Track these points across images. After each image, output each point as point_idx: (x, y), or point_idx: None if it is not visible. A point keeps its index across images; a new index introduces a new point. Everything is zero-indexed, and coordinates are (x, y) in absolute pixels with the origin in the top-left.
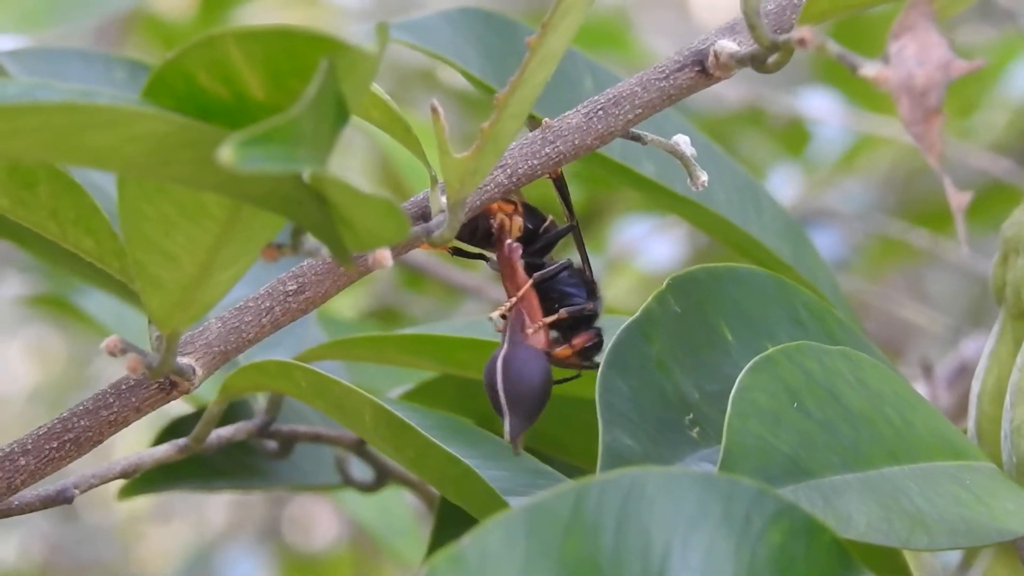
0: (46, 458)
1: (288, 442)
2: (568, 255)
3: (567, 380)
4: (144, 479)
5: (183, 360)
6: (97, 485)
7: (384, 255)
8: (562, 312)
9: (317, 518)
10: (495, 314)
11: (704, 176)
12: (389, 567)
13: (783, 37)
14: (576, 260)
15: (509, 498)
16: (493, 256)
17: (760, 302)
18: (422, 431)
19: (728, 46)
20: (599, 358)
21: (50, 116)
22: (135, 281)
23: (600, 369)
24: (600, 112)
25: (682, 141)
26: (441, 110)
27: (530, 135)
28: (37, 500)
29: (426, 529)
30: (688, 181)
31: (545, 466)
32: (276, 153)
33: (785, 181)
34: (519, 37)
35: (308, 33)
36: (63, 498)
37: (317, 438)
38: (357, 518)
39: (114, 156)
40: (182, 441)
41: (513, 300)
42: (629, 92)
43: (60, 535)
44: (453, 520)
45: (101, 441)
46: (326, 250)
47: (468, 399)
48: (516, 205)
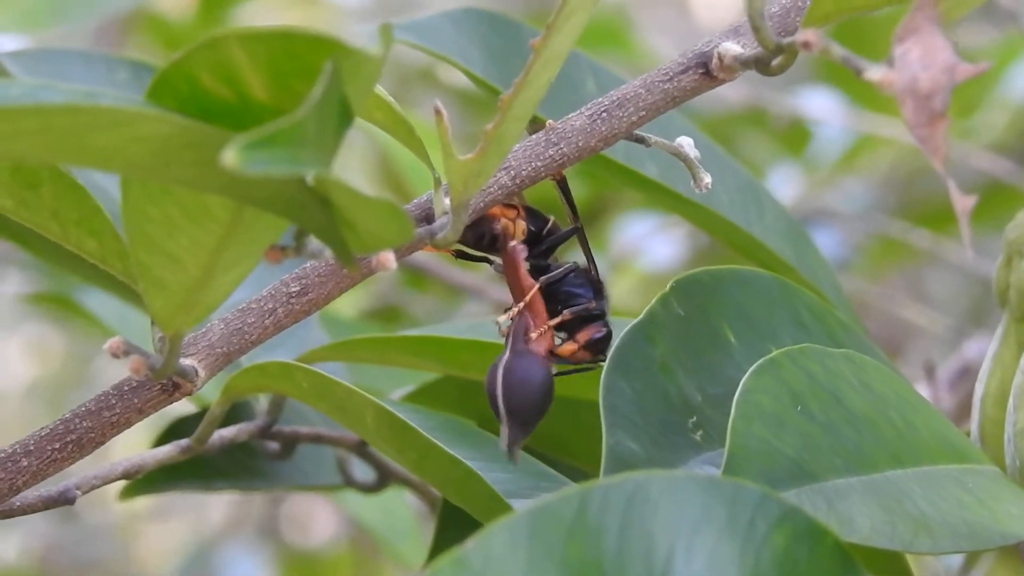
0: (48, 459)
1: (290, 443)
2: (572, 256)
3: (572, 372)
4: (146, 480)
5: (186, 361)
6: (99, 486)
7: (388, 257)
8: (566, 313)
9: (315, 516)
10: (502, 318)
11: (708, 178)
12: (388, 566)
13: (787, 40)
14: (581, 260)
15: (512, 500)
16: (497, 260)
17: (763, 304)
18: (424, 433)
19: (732, 48)
20: (609, 352)
21: (53, 117)
22: (138, 282)
23: (603, 371)
24: (604, 114)
25: (686, 143)
26: (445, 112)
27: (534, 137)
28: (39, 501)
29: (427, 530)
30: (692, 183)
31: (548, 468)
32: (280, 156)
33: (785, 181)
34: (522, 38)
35: (312, 34)
36: (65, 499)
37: (319, 439)
38: (358, 519)
39: (117, 157)
40: (184, 442)
41: (520, 305)
42: (633, 94)
43: (59, 534)
44: (455, 522)
45: (103, 442)
46: (329, 252)
47: (470, 401)
48: (518, 209)
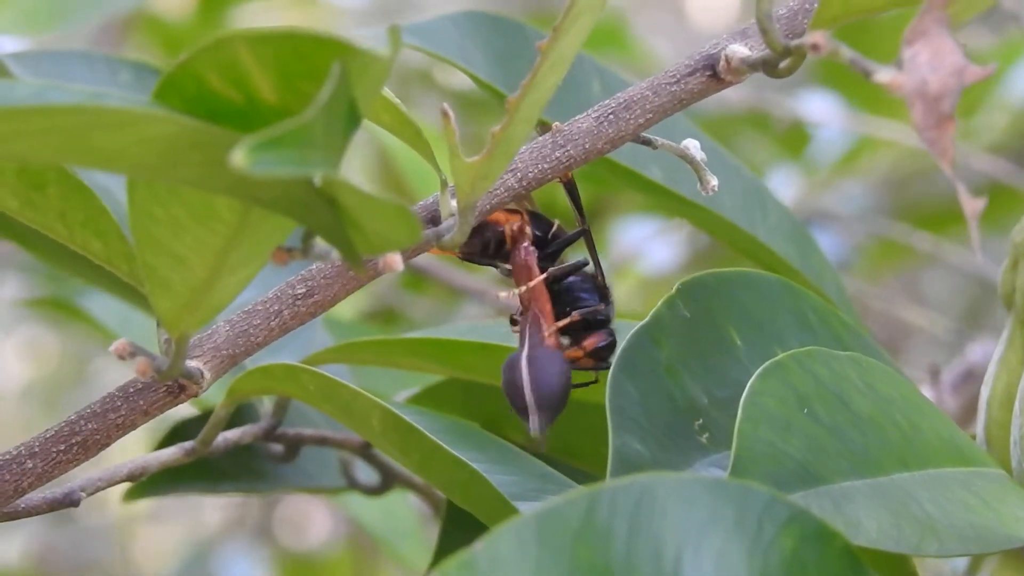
0: (53, 461)
1: (294, 445)
2: (578, 258)
3: (584, 385)
4: (150, 482)
5: (191, 363)
6: (104, 488)
7: (395, 259)
8: (574, 315)
9: (311, 518)
10: (503, 293)
11: (714, 180)
12: (387, 568)
13: (796, 42)
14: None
15: (517, 503)
16: (503, 264)
17: (769, 306)
18: (429, 435)
19: (739, 50)
20: (612, 359)
21: (60, 117)
22: (144, 284)
23: (610, 373)
24: (611, 116)
25: (692, 145)
26: (452, 114)
27: (540, 139)
28: (44, 503)
29: (430, 532)
30: (698, 185)
31: (553, 471)
32: (288, 157)
33: (784, 183)
34: (525, 40)
35: (319, 36)
36: (70, 501)
37: (323, 441)
38: (360, 521)
39: (124, 158)
40: (189, 444)
41: (524, 288)
42: (640, 96)
43: (56, 537)
44: (460, 524)
45: (108, 444)
46: (336, 254)
47: (474, 403)
48: (522, 214)
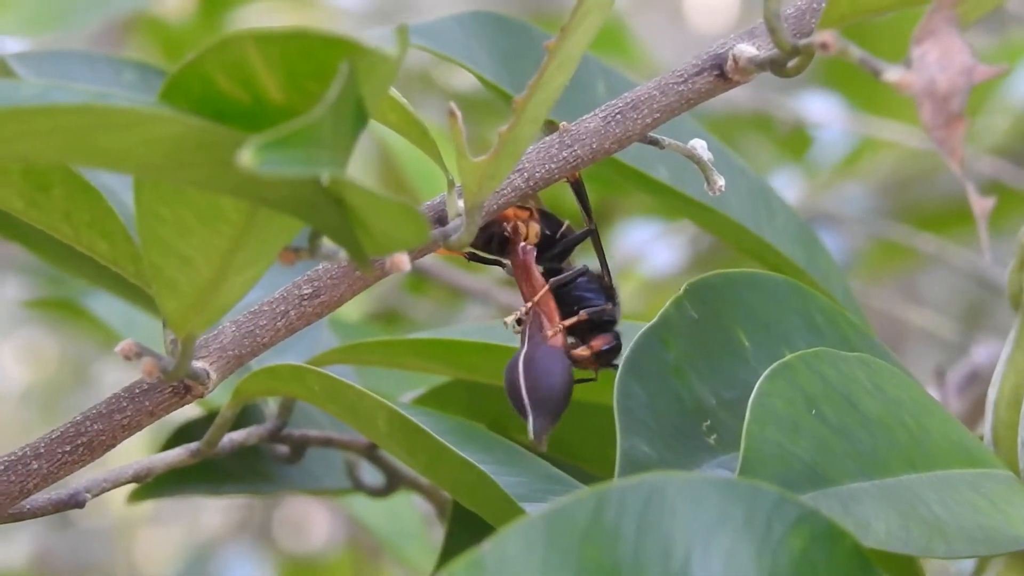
0: (59, 462)
1: (299, 446)
2: (585, 259)
3: (584, 381)
4: (155, 483)
5: (198, 364)
6: (109, 489)
7: (402, 259)
8: (581, 314)
9: (311, 520)
10: (510, 319)
11: (721, 181)
12: (388, 569)
13: (804, 41)
14: (594, 264)
15: (524, 504)
16: (509, 262)
17: (776, 308)
18: (436, 436)
19: (747, 50)
20: (617, 361)
21: (66, 118)
22: (150, 285)
23: (618, 375)
24: (618, 116)
25: (699, 145)
26: (459, 114)
27: (547, 139)
28: (49, 504)
29: (433, 533)
30: (705, 186)
31: (560, 472)
32: (296, 156)
33: (786, 184)
34: (530, 40)
35: (327, 35)
36: (75, 502)
37: (328, 442)
38: (364, 521)
39: (129, 158)
40: (194, 445)
41: (529, 304)
42: (647, 96)
43: (56, 539)
44: (466, 526)
45: (114, 445)
46: (343, 254)
47: (480, 404)
48: (532, 211)
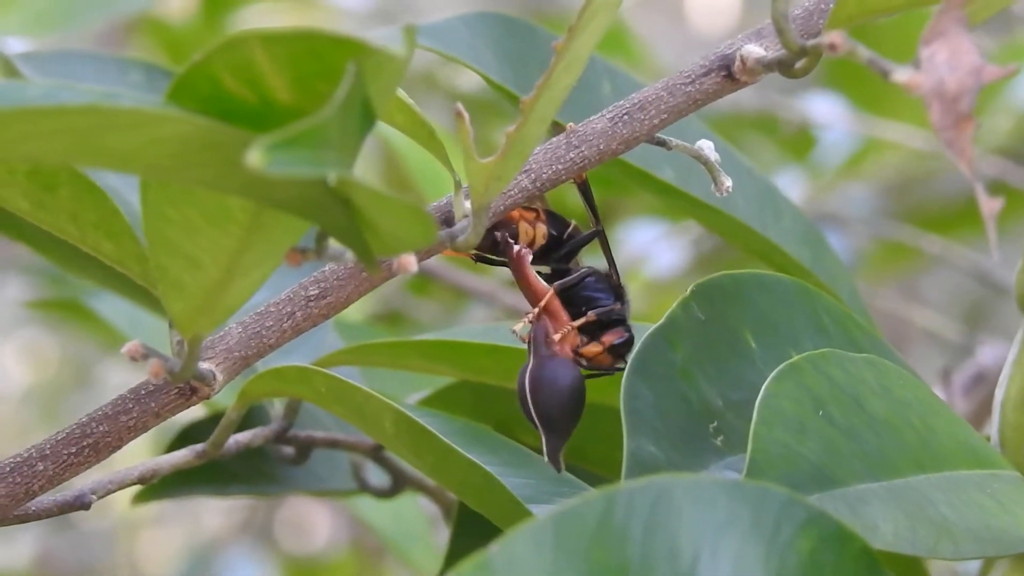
0: (64, 463)
1: (305, 448)
2: (592, 260)
3: (598, 375)
4: (160, 484)
5: (204, 365)
6: (115, 491)
7: (409, 260)
8: (591, 315)
9: (313, 521)
10: (518, 326)
11: (728, 182)
12: (391, 571)
13: (812, 42)
14: (601, 265)
15: (531, 506)
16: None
17: (784, 309)
18: (443, 437)
19: (755, 51)
20: (630, 356)
21: (73, 118)
22: (157, 285)
23: (625, 376)
24: (625, 117)
25: (706, 146)
26: (467, 115)
27: (554, 140)
28: (54, 506)
29: (438, 535)
30: (712, 187)
31: (567, 474)
32: (303, 157)
33: (790, 185)
34: (537, 41)
35: (334, 35)
36: (80, 503)
37: (334, 444)
38: (369, 523)
39: (136, 159)
40: (200, 447)
41: (536, 311)
42: (655, 97)
43: (58, 540)
44: (471, 527)
45: (120, 447)
46: (350, 255)
47: (486, 405)
48: (538, 212)
